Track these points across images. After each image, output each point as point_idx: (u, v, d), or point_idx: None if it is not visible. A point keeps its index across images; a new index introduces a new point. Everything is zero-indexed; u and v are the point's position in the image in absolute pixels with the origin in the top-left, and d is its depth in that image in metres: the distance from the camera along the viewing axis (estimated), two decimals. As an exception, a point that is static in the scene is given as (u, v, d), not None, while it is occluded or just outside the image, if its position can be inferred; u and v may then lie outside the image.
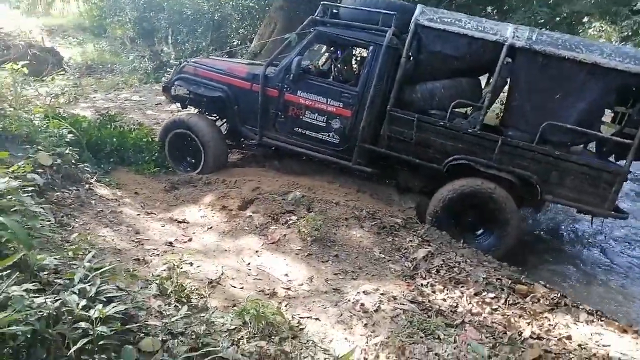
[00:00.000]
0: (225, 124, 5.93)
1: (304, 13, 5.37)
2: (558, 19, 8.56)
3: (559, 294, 3.59)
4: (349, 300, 3.07)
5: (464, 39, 4.54)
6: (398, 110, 4.77)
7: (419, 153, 4.80)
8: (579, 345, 2.95)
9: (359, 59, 7.79)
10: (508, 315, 3.18)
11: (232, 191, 4.69)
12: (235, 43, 11.70)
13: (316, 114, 5.11)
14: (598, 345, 2.99)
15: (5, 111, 4.37)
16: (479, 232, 4.79)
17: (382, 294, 3.14)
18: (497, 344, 2.78)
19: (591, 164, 4.41)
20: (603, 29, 12.59)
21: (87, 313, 2.00)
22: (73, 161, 4.28)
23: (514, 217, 4.55)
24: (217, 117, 5.89)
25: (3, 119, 4.10)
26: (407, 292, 3.25)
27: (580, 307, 3.43)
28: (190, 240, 3.79)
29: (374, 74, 4.84)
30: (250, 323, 2.55)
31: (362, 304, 3.02)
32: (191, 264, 3.17)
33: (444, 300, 3.26)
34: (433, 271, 3.63)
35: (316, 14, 5.15)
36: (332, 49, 6.14)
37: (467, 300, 3.28)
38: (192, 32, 12.10)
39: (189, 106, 5.94)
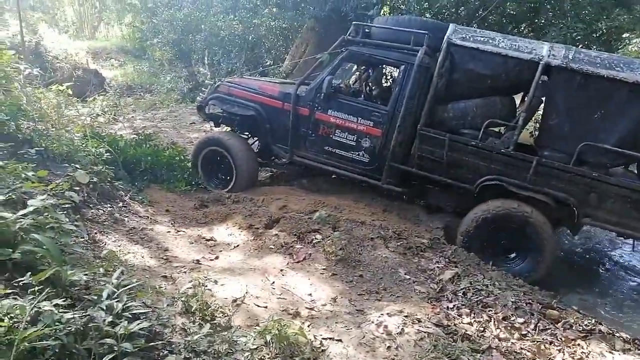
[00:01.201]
0: (256, 142, 6.03)
1: (334, 34, 5.43)
2: (596, 35, 8.31)
3: (594, 321, 3.44)
4: (372, 322, 3.03)
5: (498, 58, 4.47)
6: (429, 130, 4.70)
7: (451, 173, 4.72)
8: (615, 376, 2.81)
9: (390, 78, 7.82)
10: (538, 341, 3.07)
11: (260, 210, 4.74)
12: (268, 63, 11.94)
13: (346, 133, 5.13)
14: (635, 377, 2.84)
15: (48, 131, 4.60)
16: (512, 255, 4.63)
17: (406, 316, 3.09)
18: (526, 373, 2.69)
19: (632, 186, 4.21)
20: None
21: (113, 329, 2.07)
22: (109, 179, 4.45)
23: (550, 242, 4.38)
24: (249, 136, 6.01)
25: (46, 139, 4.33)
26: (432, 315, 3.18)
27: (617, 334, 3.27)
28: (217, 258, 3.84)
29: (405, 93, 4.83)
30: (272, 343, 2.56)
31: (386, 326, 2.98)
32: (216, 282, 3.22)
33: (471, 324, 3.17)
34: (460, 294, 3.54)
35: (348, 33, 5.20)
36: (363, 68, 6.18)
37: (494, 324, 3.18)
38: (227, 53, 12.42)
39: (222, 124, 6.10)
